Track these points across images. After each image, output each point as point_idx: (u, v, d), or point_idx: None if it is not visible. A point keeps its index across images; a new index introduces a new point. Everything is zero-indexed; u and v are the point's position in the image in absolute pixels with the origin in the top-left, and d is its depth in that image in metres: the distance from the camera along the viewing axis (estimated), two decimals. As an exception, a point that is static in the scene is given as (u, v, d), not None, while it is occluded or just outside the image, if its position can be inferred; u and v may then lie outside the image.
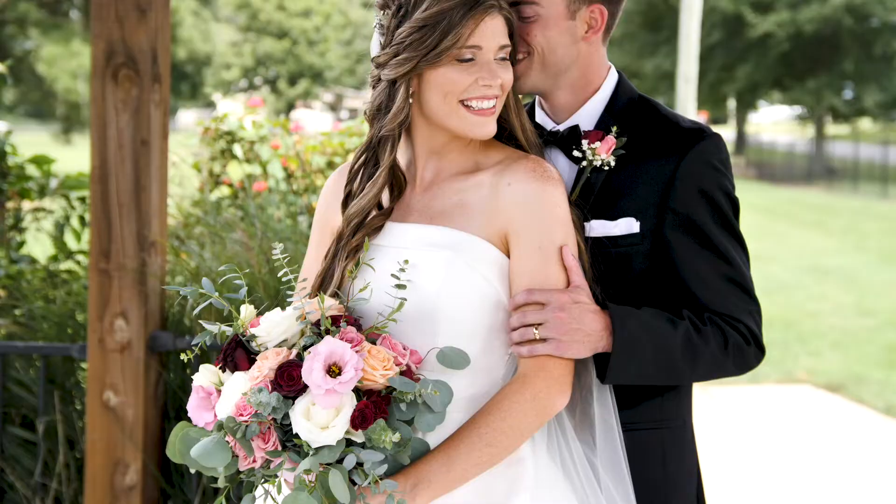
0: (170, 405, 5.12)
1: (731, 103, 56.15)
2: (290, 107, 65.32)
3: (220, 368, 2.84)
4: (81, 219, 6.49)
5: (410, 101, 2.90)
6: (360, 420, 2.67)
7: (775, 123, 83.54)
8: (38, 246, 6.76)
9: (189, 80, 60.91)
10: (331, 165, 7.72)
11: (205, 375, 2.85)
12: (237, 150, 7.56)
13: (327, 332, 2.75)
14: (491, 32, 2.87)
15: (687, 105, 17.84)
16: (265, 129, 7.72)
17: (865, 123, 57.77)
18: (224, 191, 7.60)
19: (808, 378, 11.83)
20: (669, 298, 2.98)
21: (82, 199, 6.57)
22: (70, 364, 5.36)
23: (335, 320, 2.78)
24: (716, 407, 10.17)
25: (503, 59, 2.92)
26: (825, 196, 37.41)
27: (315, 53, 65.45)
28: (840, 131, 61.12)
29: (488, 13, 2.86)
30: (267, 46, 64.89)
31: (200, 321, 2.88)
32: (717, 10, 46.00)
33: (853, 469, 8.78)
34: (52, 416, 5.22)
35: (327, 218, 3.13)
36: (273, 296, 4.98)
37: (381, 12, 2.95)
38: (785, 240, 23.27)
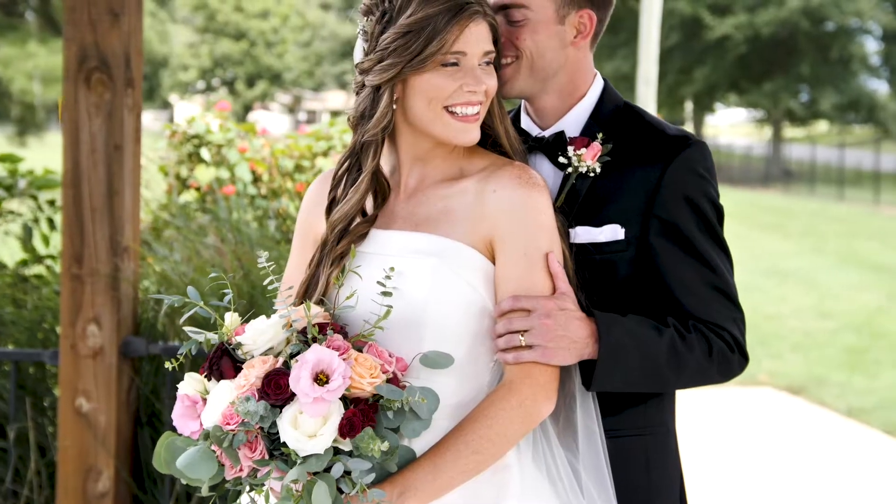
0: (142, 411, 5.09)
1: (689, 105, 56.46)
2: (248, 108, 65.14)
3: (205, 377, 2.83)
4: (50, 222, 6.45)
5: (394, 106, 2.90)
6: (348, 428, 2.66)
7: (732, 126, 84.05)
8: (5, 249, 6.70)
9: (146, 82, 60.57)
10: (299, 169, 7.71)
11: (190, 384, 2.83)
12: (205, 153, 7.54)
13: (314, 340, 2.74)
14: (475, 38, 2.87)
15: (647, 107, 17.88)
16: (232, 132, 7.71)
17: (821, 126, 58.23)
18: (191, 194, 7.57)
19: (770, 380, 11.90)
20: (654, 305, 2.99)
21: (51, 203, 6.52)
22: (41, 370, 5.33)
23: (321, 328, 2.77)
24: (677, 410, 10.21)
25: (487, 64, 2.92)
26: (782, 198, 37.69)
27: (273, 55, 65.32)
28: (796, 134, 61.60)
29: (473, 19, 2.86)
30: (224, 48, 64.71)
31: (186, 328, 2.86)
32: (675, 13, 46.25)
33: (816, 471, 8.84)
34: (23, 422, 5.18)
35: (309, 224, 3.12)
36: (247, 300, 4.97)
37: (365, 18, 2.95)
38: (743, 242, 23.40)
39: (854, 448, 9.56)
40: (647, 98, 18.58)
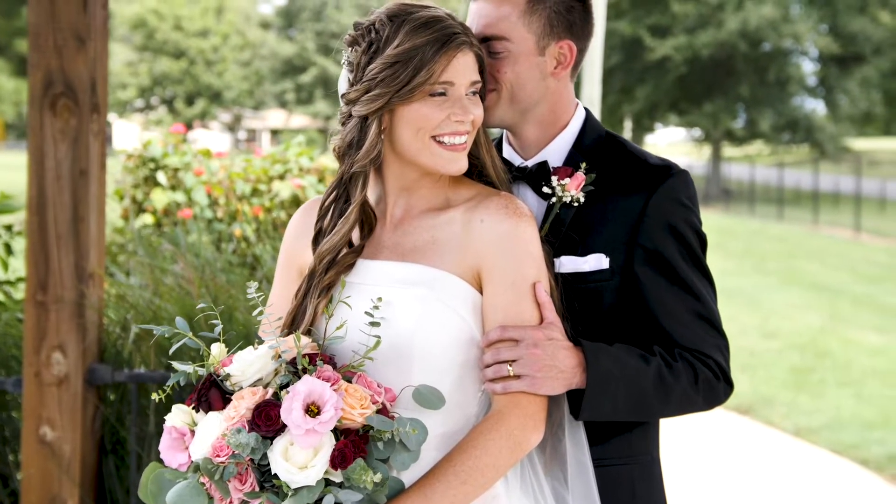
0: (107, 439, 5.04)
1: (628, 124, 56.88)
2: (188, 127, 64.72)
3: (192, 408, 2.81)
4: (7, 247, 6.37)
5: (382, 136, 2.91)
6: (339, 460, 2.66)
7: (671, 145, 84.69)
8: (-39, 274, 6.62)
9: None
10: (255, 192, 7.69)
11: (177, 416, 2.82)
12: (161, 177, 7.50)
13: (304, 370, 2.74)
14: (463, 68, 2.89)
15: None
16: (188, 155, 7.67)
17: (760, 146, 58.87)
18: (147, 218, 7.53)
19: (719, 400, 11.95)
20: (639, 334, 3.01)
21: (8, 228, 6.45)
22: (2, 397, 5.26)
23: (311, 359, 2.77)
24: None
25: (474, 94, 2.94)
26: (723, 218, 38.01)
27: (213, 73, 65.00)
28: (735, 153, 62.20)
29: (460, 49, 2.88)
30: (164, 66, 64.29)
31: (174, 363, 2.84)
32: (615, 34, 46.61)
33: (766, 491, 8.91)
34: (-15, 451, 5.12)
35: (293, 254, 3.11)
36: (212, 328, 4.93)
37: (350, 49, 2.96)
38: (686, 261, 23.49)
39: (802, 467, 9.64)
40: (591, 119, 18.73)
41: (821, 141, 50.20)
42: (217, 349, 2.85)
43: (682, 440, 10.41)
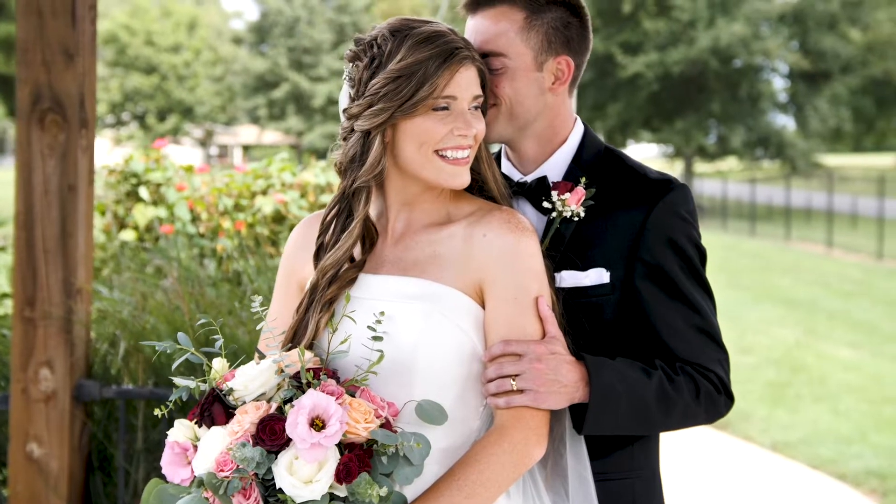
0: (94, 455, 5.02)
1: (600, 142, 56.93)
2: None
3: (195, 423, 2.81)
4: (-9, 264, 6.36)
5: (385, 151, 2.91)
6: (345, 474, 2.66)
7: (643, 161, 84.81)
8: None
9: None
10: (238, 207, 7.67)
11: (180, 431, 2.81)
12: (143, 192, 7.48)
13: (308, 385, 2.74)
14: (466, 83, 2.90)
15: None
16: (170, 171, 7.66)
17: (732, 162, 59.14)
18: (130, 234, 7.50)
19: (697, 415, 11.98)
20: (640, 347, 3.02)
21: (-8, 244, 6.43)
22: (-11, 413, 5.23)
23: (315, 373, 2.77)
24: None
25: (476, 108, 2.95)
26: (695, 233, 38.01)
27: (185, 89, 64.87)
28: (707, 170, 62.48)
29: (463, 64, 2.89)
30: (135, 82, 64.12)
31: (174, 379, 2.83)
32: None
33: (747, 506, 8.95)
34: (-28, 468, 5.09)
35: (293, 269, 3.11)
36: (203, 343, 4.92)
37: (351, 65, 2.96)
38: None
39: (780, 482, 9.67)
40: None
41: (792, 157, 50.48)
42: (219, 364, 2.84)
43: (660, 456, 10.41)
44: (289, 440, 2.67)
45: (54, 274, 4.81)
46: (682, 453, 10.53)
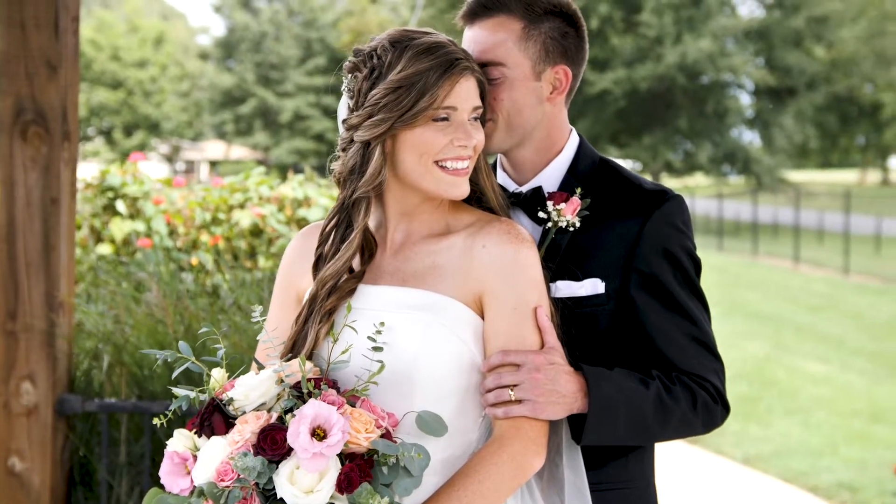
0: (76, 470, 4.98)
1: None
2: (125, 157, 64.15)
3: (195, 433, 2.80)
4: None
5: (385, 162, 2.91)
6: (346, 484, 2.65)
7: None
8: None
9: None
10: (215, 221, 7.65)
11: (179, 441, 2.80)
12: (120, 205, 7.44)
13: (309, 394, 2.73)
14: (465, 93, 2.90)
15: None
16: (147, 184, 7.63)
17: (699, 178, 59.44)
18: (105, 248, 7.46)
19: (668, 430, 12.00)
20: (635, 357, 3.02)
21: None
22: (-32, 428, 5.19)
23: (316, 383, 2.76)
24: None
25: (475, 119, 2.95)
26: (662, 249, 38.14)
27: (151, 104, 64.62)
28: (674, 185, 62.80)
29: (463, 75, 2.90)
30: (101, 97, 63.83)
31: (174, 389, 2.82)
32: (555, 67, 46.88)
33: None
34: (-48, 482, 5.03)
35: (291, 280, 3.10)
36: (196, 354, 4.90)
37: (350, 76, 2.96)
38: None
39: (753, 496, 9.70)
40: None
41: (758, 173, 50.81)
42: (218, 373, 2.84)
43: (655, 467, 10.42)
44: (290, 450, 2.66)
45: (36, 287, 4.78)
46: (656, 468, 10.54)
